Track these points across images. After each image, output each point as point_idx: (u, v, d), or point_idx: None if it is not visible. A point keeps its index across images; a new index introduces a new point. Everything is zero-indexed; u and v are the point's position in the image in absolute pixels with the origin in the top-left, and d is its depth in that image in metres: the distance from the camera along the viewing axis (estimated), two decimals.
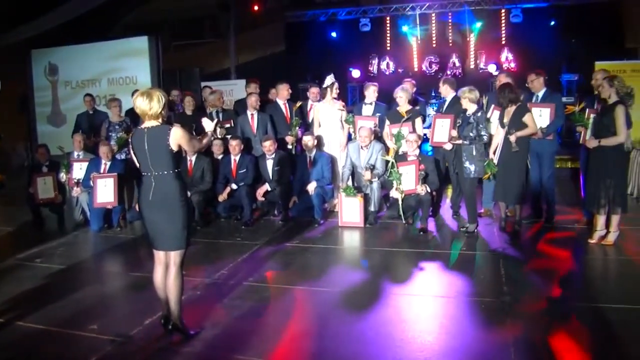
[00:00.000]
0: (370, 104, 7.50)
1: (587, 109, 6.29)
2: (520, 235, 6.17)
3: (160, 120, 3.78)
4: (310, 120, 7.84)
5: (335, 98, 7.54)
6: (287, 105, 7.82)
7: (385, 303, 4.43)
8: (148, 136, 3.73)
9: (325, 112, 7.54)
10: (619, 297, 4.39)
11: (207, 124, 4.36)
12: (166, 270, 3.82)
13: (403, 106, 7.02)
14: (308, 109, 8.01)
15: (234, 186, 7.12)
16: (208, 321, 4.11)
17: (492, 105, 6.56)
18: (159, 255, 3.84)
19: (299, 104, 7.77)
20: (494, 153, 6.18)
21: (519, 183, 6.10)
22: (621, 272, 5.17)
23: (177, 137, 3.73)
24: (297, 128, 7.58)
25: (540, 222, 6.60)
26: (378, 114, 7.35)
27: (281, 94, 7.81)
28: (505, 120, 6.08)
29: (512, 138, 5.95)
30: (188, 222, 3.83)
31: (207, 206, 7.32)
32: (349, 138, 7.58)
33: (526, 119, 6.00)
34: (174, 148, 3.73)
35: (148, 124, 3.76)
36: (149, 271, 3.91)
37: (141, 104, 3.73)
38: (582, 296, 4.49)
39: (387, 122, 7.11)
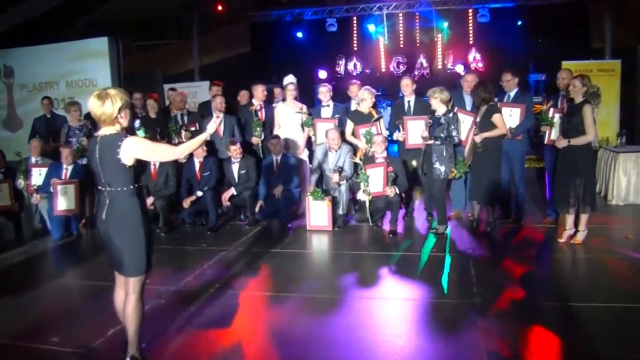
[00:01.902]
0: (328, 105, 7.51)
1: (552, 109, 6.39)
2: (490, 236, 6.26)
3: (117, 126, 3.34)
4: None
5: (295, 99, 7.55)
6: (263, 107, 7.80)
7: (355, 307, 4.44)
8: (100, 146, 3.32)
9: (285, 114, 7.55)
10: (589, 295, 4.48)
11: (210, 126, 3.92)
12: (126, 295, 3.49)
13: (366, 107, 7.04)
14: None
15: (200, 193, 7.05)
16: (173, 330, 4.06)
17: (456, 108, 6.63)
18: (119, 276, 3.54)
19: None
20: (469, 153, 6.27)
21: (492, 183, 6.19)
22: (590, 270, 5.29)
23: (131, 149, 3.28)
24: (260, 129, 7.57)
25: (509, 222, 6.70)
26: (337, 115, 7.38)
27: (256, 96, 7.78)
28: (478, 119, 6.18)
29: (478, 139, 6.05)
30: (148, 245, 3.43)
31: (172, 211, 7.24)
32: (310, 141, 7.60)
33: (495, 118, 6.09)
34: (127, 162, 3.30)
35: (103, 130, 3.34)
36: (112, 280, 3.76)
37: (93, 107, 3.30)
38: (552, 295, 4.56)
39: (352, 123, 7.13)
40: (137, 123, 7.56)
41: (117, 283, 3.59)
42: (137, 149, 3.29)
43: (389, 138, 7.14)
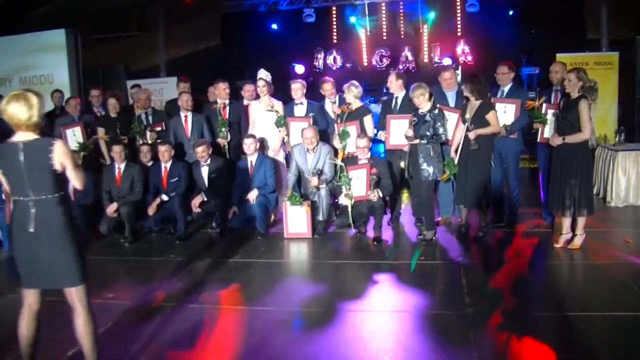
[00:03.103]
0: (301, 103, 7.51)
1: (545, 104, 6.45)
2: (481, 242, 6.30)
3: (37, 131, 3.37)
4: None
5: (272, 96, 7.55)
6: (227, 105, 7.76)
7: (338, 321, 4.43)
8: (26, 152, 3.31)
9: (259, 112, 7.56)
10: (587, 304, 4.52)
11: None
12: (36, 316, 3.49)
13: (353, 103, 7.06)
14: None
15: (165, 197, 7.02)
16: (137, 349, 4.01)
17: (438, 105, 6.66)
18: (29, 296, 3.48)
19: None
20: (456, 152, 6.30)
21: (481, 185, 6.24)
22: (588, 277, 5.34)
23: (61, 154, 3.34)
24: (225, 129, 7.55)
25: (502, 227, 6.76)
26: (311, 114, 7.38)
27: (219, 94, 7.75)
28: (468, 115, 6.20)
29: (472, 135, 6.08)
30: (81, 251, 3.48)
31: (138, 219, 7.19)
32: (283, 142, 7.60)
33: (490, 116, 6.13)
34: (58, 168, 3.35)
35: (23, 136, 3.33)
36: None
37: (17, 112, 3.29)
38: (549, 305, 4.60)
39: (337, 121, 7.14)
40: (70, 132, 7.51)
41: (25, 305, 3.52)
42: (64, 153, 3.36)
43: (375, 137, 7.16)
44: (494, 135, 6.26)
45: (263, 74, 7.50)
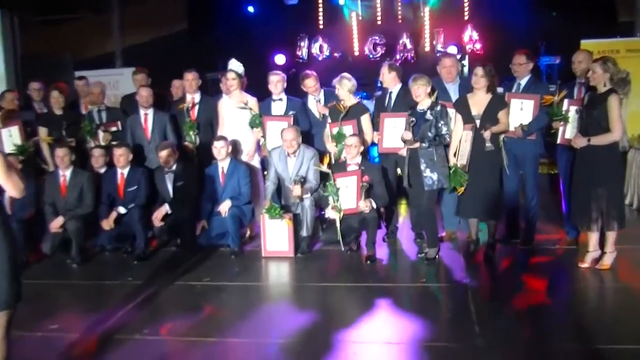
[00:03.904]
0: (280, 99, 7.52)
1: (567, 100, 6.41)
2: (493, 261, 6.31)
3: None
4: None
5: (244, 91, 7.54)
6: (195, 103, 7.73)
7: (324, 354, 4.39)
8: None
9: (230, 110, 7.54)
10: (619, 335, 4.51)
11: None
12: None
13: (346, 100, 7.06)
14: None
15: (122, 210, 6.98)
16: None
17: (439, 102, 6.68)
18: None
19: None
20: (454, 155, 6.28)
21: (496, 192, 6.27)
22: (621, 302, 5.33)
23: None
24: (194, 133, 7.54)
25: (517, 244, 6.76)
26: (292, 112, 7.39)
27: (187, 86, 7.72)
28: (475, 111, 6.20)
29: (487, 134, 6.08)
30: (15, 270, 3.47)
31: (88, 236, 7.12)
32: (258, 144, 7.61)
33: (502, 114, 6.16)
34: None
35: None
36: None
37: None
38: (573, 336, 4.59)
39: (328, 120, 7.18)
40: (6, 132, 7.45)
41: None
42: None
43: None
44: (501, 134, 6.29)
45: (234, 65, 7.45)
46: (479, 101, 6.21)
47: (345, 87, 7.01)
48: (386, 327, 4.90)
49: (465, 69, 11.33)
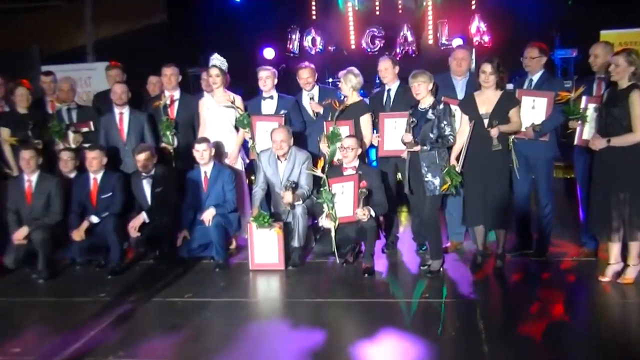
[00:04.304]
0: (271, 97, 7.54)
1: (584, 97, 6.40)
2: (503, 274, 6.32)
3: None
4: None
5: (228, 88, 7.55)
6: (175, 100, 7.76)
7: None
8: None
9: (213, 109, 7.55)
10: None
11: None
12: None
13: (349, 97, 7.07)
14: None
15: (95, 219, 6.96)
16: None
17: (442, 97, 6.67)
18: None
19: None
20: (457, 159, 6.29)
21: (505, 197, 6.27)
22: None
23: None
24: (171, 134, 7.54)
25: (529, 255, 6.77)
26: (283, 111, 7.40)
27: (165, 82, 7.72)
28: (483, 110, 6.20)
29: (494, 132, 6.09)
30: None
31: (56, 248, 7.09)
32: (246, 147, 7.63)
33: (513, 113, 6.18)
34: None
35: None
36: None
37: None
38: (593, 357, 4.59)
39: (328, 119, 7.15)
40: None
41: None
42: None
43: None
44: (511, 134, 6.31)
45: (217, 61, 7.45)
46: (487, 99, 6.22)
47: (349, 83, 7.01)
48: (386, 347, 4.88)
49: (473, 64, 11.37)
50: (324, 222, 6.59)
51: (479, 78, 6.29)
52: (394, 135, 6.70)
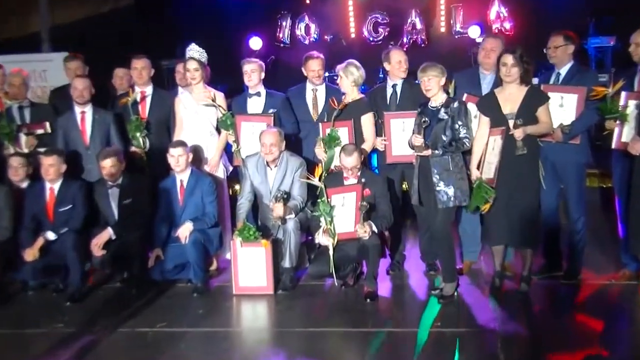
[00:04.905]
0: (258, 94, 7.56)
1: (624, 93, 6.34)
2: (527, 300, 6.32)
3: None
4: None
5: (208, 84, 7.59)
6: (146, 96, 7.76)
7: None
8: None
9: (191, 108, 7.57)
10: None
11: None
12: None
13: (347, 94, 7.10)
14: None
15: (51, 235, 6.94)
16: None
17: (465, 94, 6.68)
18: None
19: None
20: (479, 167, 6.31)
21: (533, 211, 6.29)
22: None
23: None
24: (142, 135, 7.55)
25: (558, 278, 6.76)
26: (272, 110, 7.42)
27: (135, 76, 7.72)
28: (507, 109, 6.19)
29: (519, 133, 6.06)
30: None
31: (5, 269, 7.09)
32: (229, 151, 7.66)
33: (542, 112, 6.17)
34: None
35: None
36: None
37: None
38: None
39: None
40: None
41: None
42: None
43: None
44: (539, 137, 6.31)
45: (195, 52, 7.47)
46: (511, 96, 6.21)
47: (350, 77, 7.03)
48: None
49: None
50: (321, 238, 6.58)
51: (499, 72, 6.30)
52: (402, 138, 6.70)
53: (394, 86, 7.07)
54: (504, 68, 6.19)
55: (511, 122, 6.14)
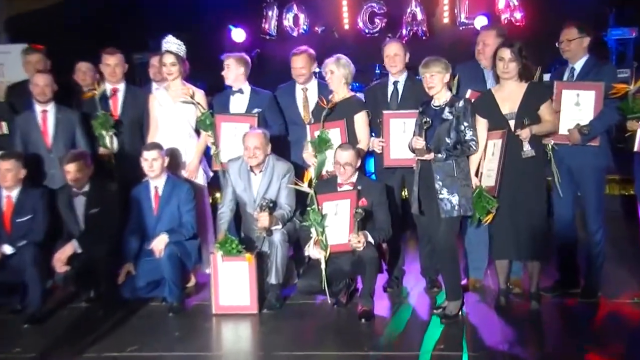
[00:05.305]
0: (241, 92, 7.59)
1: None
2: (540, 320, 6.34)
3: None
4: None
5: (187, 80, 7.61)
6: (117, 91, 7.78)
7: None
8: None
9: (167, 106, 7.58)
10: None
11: None
12: None
13: (337, 92, 7.12)
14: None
15: (9, 249, 6.92)
16: None
17: (469, 91, 6.70)
18: None
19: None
20: (477, 174, 6.33)
21: (542, 220, 6.30)
22: None
23: None
24: (109, 134, 7.55)
25: (575, 296, 6.75)
26: (257, 110, 7.44)
27: (105, 72, 7.73)
28: (507, 109, 6.24)
29: (525, 134, 6.10)
30: None
31: None
32: (209, 154, 7.66)
33: (545, 110, 6.20)
34: None
35: None
36: None
37: None
38: None
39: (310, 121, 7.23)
40: None
41: None
42: None
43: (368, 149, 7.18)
44: (543, 137, 6.34)
45: (172, 45, 7.47)
46: (511, 94, 6.25)
47: (343, 71, 7.06)
48: None
49: None
50: (312, 251, 6.60)
51: (496, 68, 6.32)
52: (402, 140, 6.70)
53: (395, 83, 7.09)
54: (501, 63, 6.22)
55: (512, 123, 6.18)
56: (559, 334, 6.17)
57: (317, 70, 7.55)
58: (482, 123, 6.33)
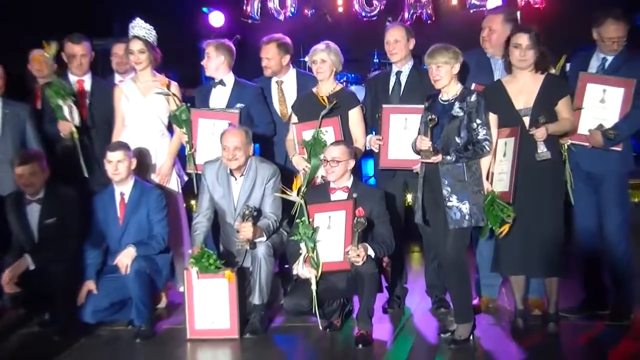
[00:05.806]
0: (222, 83, 7.62)
1: None
2: (559, 344, 6.35)
3: None
4: None
5: (157, 70, 7.63)
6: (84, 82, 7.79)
7: None
8: None
9: (136, 99, 7.58)
10: None
11: None
12: None
13: (324, 84, 7.17)
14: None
15: None
16: None
17: (473, 84, 6.69)
18: None
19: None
20: (488, 178, 6.31)
21: (558, 231, 6.30)
22: None
23: None
24: (68, 104, 7.45)
25: (602, 318, 6.75)
26: (239, 105, 7.45)
27: (70, 61, 7.73)
28: (521, 104, 6.23)
29: (541, 133, 6.07)
30: None
31: None
32: (183, 155, 7.67)
33: (563, 106, 6.20)
34: None
35: None
36: None
37: None
38: None
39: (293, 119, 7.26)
40: None
41: None
42: None
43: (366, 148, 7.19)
44: (560, 137, 6.34)
45: (140, 30, 7.45)
46: (526, 87, 6.25)
47: (336, 59, 7.10)
48: None
49: None
50: (301, 270, 6.56)
51: (510, 56, 6.29)
52: (403, 138, 6.73)
53: (397, 74, 7.10)
54: (517, 51, 6.19)
55: (526, 120, 6.17)
56: (582, 357, 6.19)
57: (305, 59, 7.56)
58: (492, 119, 6.31)
